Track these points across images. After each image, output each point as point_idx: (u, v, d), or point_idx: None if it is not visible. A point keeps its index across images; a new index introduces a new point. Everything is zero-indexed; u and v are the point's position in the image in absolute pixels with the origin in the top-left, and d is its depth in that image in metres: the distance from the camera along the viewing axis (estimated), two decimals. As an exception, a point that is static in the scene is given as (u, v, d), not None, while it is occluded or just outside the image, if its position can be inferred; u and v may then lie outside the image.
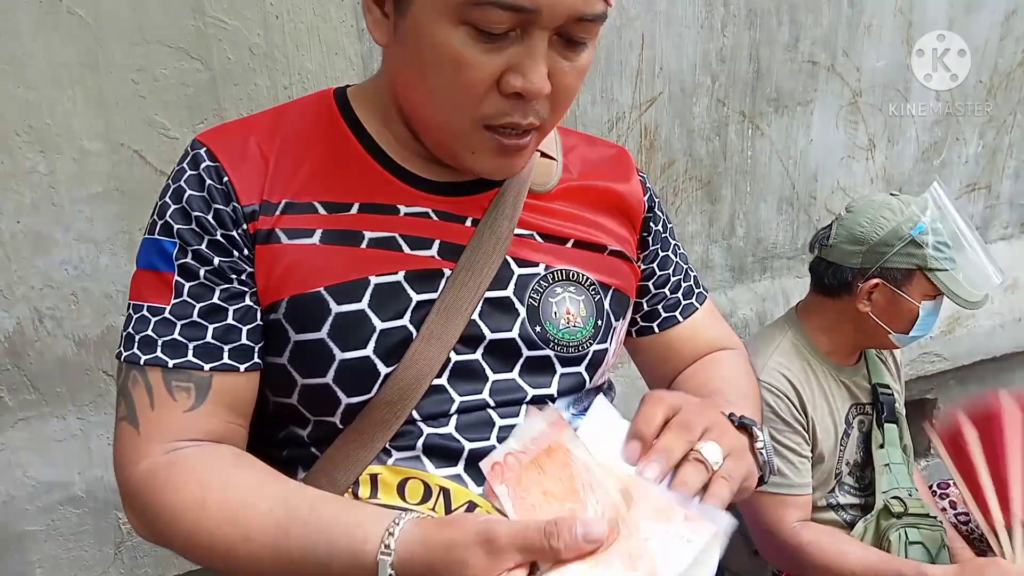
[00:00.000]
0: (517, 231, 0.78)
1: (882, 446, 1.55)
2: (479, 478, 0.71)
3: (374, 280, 0.72)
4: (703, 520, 0.57)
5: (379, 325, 0.71)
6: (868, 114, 1.93)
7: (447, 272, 0.74)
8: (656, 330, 0.95)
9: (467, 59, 0.64)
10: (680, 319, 0.95)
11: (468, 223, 0.77)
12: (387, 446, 0.72)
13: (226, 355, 0.71)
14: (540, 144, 0.76)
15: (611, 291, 0.82)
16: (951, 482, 1.81)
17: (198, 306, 0.71)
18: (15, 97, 1.16)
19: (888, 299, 1.47)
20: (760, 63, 1.75)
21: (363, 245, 0.73)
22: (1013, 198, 2.26)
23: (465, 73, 0.64)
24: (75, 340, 1.31)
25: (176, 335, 0.71)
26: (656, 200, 0.93)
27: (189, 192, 0.72)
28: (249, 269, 0.72)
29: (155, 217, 0.74)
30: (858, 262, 1.47)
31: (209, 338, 0.71)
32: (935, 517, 1.49)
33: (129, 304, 0.73)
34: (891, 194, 1.51)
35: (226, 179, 0.72)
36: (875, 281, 1.46)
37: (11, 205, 1.21)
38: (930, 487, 1.79)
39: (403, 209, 0.75)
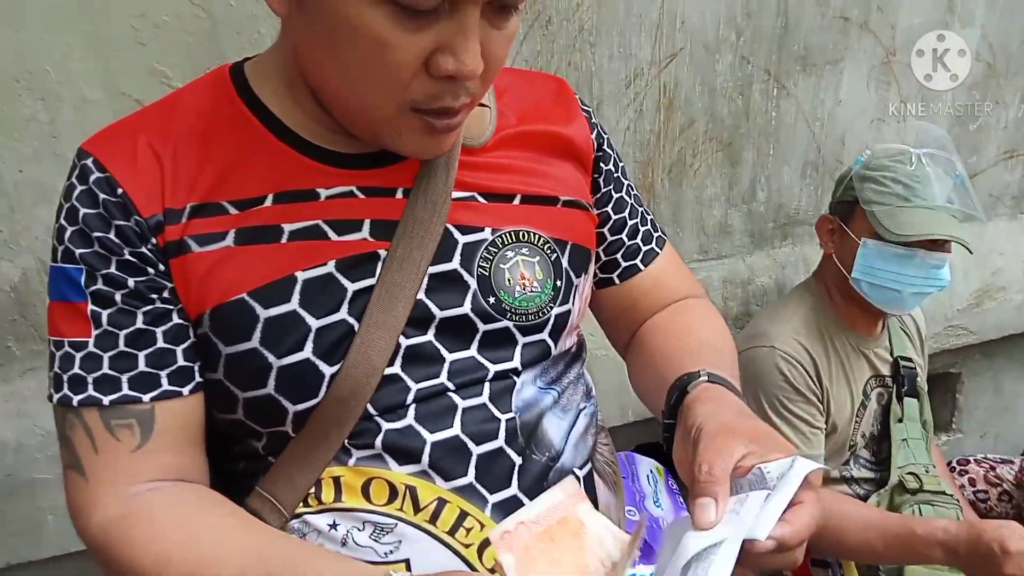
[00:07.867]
0: (455, 195, 0.71)
1: (900, 420, 1.51)
2: (445, 473, 0.68)
3: (301, 276, 0.66)
4: None
5: (314, 324, 0.66)
6: (901, 75, 1.84)
7: (383, 253, 0.68)
8: (616, 281, 0.89)
9: (390, 40, 0.57)
10: (642, 267, 0.88)
11: (399, 195, 0.70)
12: (346, 445, 0.68)
13: (165, 381, 0.66)
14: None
15: (568, 246, 0.76)
16: (971, 459, 1.77)
17: (122, 334, 0.65)
18: (10, 42, 1.13)
19: (840, 237, 1.45)
20: (788, 18, 1.67)
21: (283, 240, 0.67)
22: (1053, 167, 2.16)
23: (388, 55, 0.58)
24: (79, 292, 1.30)
25: (106, 369, 0.65)
26: (605, 136, 0.85)
27: (84, 211, 0.65)
28: (169, 285, 0.66)
29: (55, 242, 0.67)
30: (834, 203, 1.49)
31: (143, 367, 0.65)
32: (951, 495, 1.45)
33: (49, 341, 0.67)
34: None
35: (120, 191, 0.65)
36: (829, 216, 1.47)
37: (12, 154, 1.19)
38: (949, 464, 1.75)
39: (323, 192, 0.68)
